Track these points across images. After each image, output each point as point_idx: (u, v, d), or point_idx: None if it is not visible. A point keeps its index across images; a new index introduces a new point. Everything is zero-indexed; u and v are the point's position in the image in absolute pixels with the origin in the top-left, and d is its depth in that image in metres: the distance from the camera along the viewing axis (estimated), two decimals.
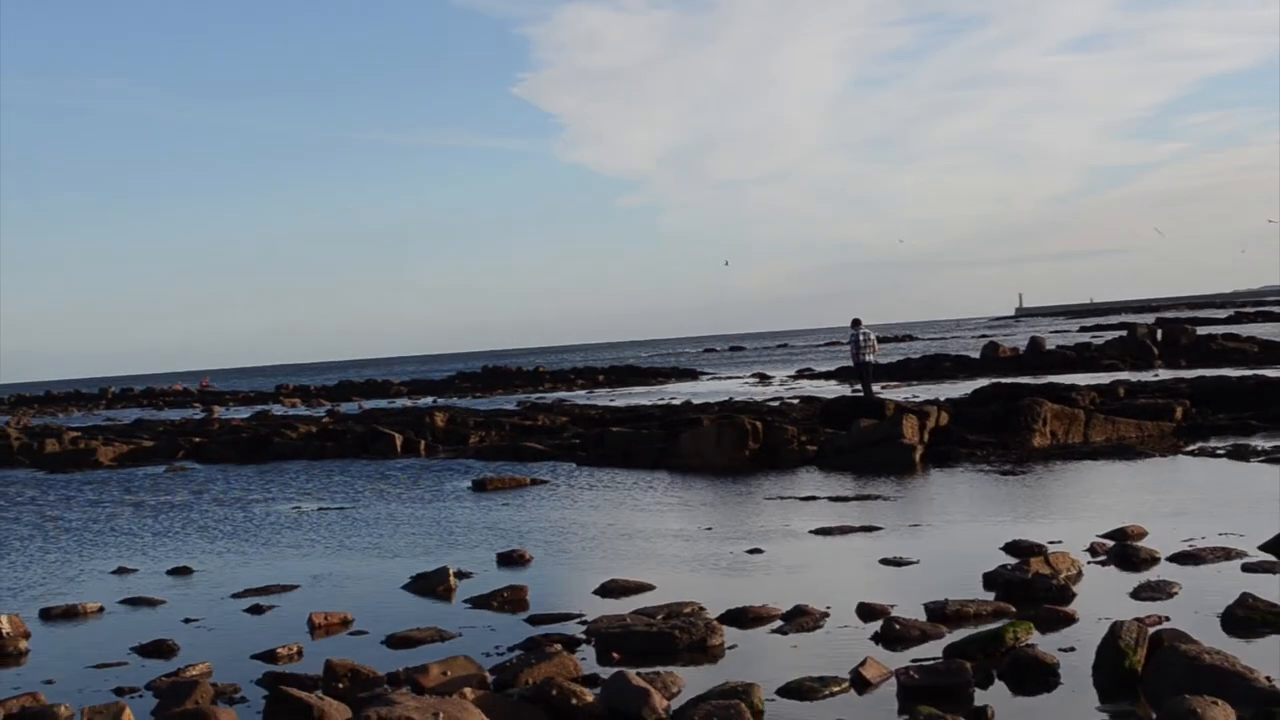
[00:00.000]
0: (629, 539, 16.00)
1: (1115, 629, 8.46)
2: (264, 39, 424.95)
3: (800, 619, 10.50)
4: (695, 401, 39.72)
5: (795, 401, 36.55)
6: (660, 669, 8.97)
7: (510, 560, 14.64)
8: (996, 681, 8.40)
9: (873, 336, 32.04)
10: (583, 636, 10.41)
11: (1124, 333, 58.83)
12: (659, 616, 10.54)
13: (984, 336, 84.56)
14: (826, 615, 10.57)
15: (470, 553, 15.34)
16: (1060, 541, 12.91)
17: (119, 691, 9.53)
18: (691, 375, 71.65)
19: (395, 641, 10.77)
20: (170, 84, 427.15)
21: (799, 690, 8.36)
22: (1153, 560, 12.08)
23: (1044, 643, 9.10)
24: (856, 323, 31.95)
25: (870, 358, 31.86)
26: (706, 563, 13.85)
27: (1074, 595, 10.78)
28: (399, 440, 31.32)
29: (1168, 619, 9.43)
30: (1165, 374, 38.45)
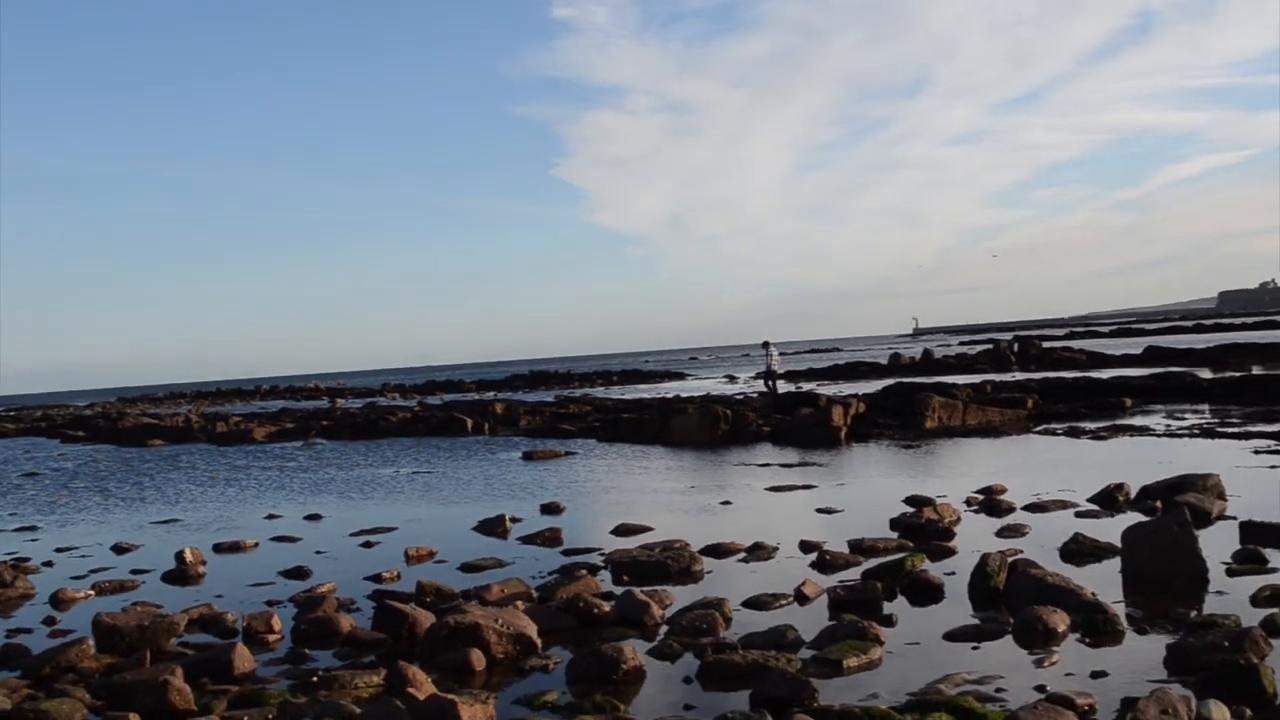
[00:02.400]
0: (634, 494, 16.02)
1: (984, 559, 8.49)
2: (381, 138, 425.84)
3: (758, 552, 10.53)
4: (683, 395, 39.66)
5: (755, 395, 36.43)
6: (657, 587, 9.01)
7: (549, 509, 14.67)
8: (899, 597, 8.45)
9: (777, 353, 32.04)
10: (601, 564, 10.44)
11: (991, 346, 58.83)
12: (656, 550, 10.57)
13: (890, 348, 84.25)
14: (777, 549, 10.59)
15: (520, 504, 15.35)
16: (945, 496, 12.92)
17: (269, 603, 9.55)
18: (680, 376, 71.46)
19: (467, 568, 10.80)
20: (314, 168, 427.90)
21: (757, 603, 8.40)
22: (1011, 509, 12.10)
23: (933, 569, 9.12)
24: (766, 344, 31.96)
25: (776, 368, 31.79)
26: (690, 511, 13.87)
27: (954, 534, 10.79)
28: (469, 423, 31.34)
29: (1021, 551, 9.45)
30: (1020, 375, 38.36)
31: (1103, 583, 8.25)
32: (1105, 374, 33.35)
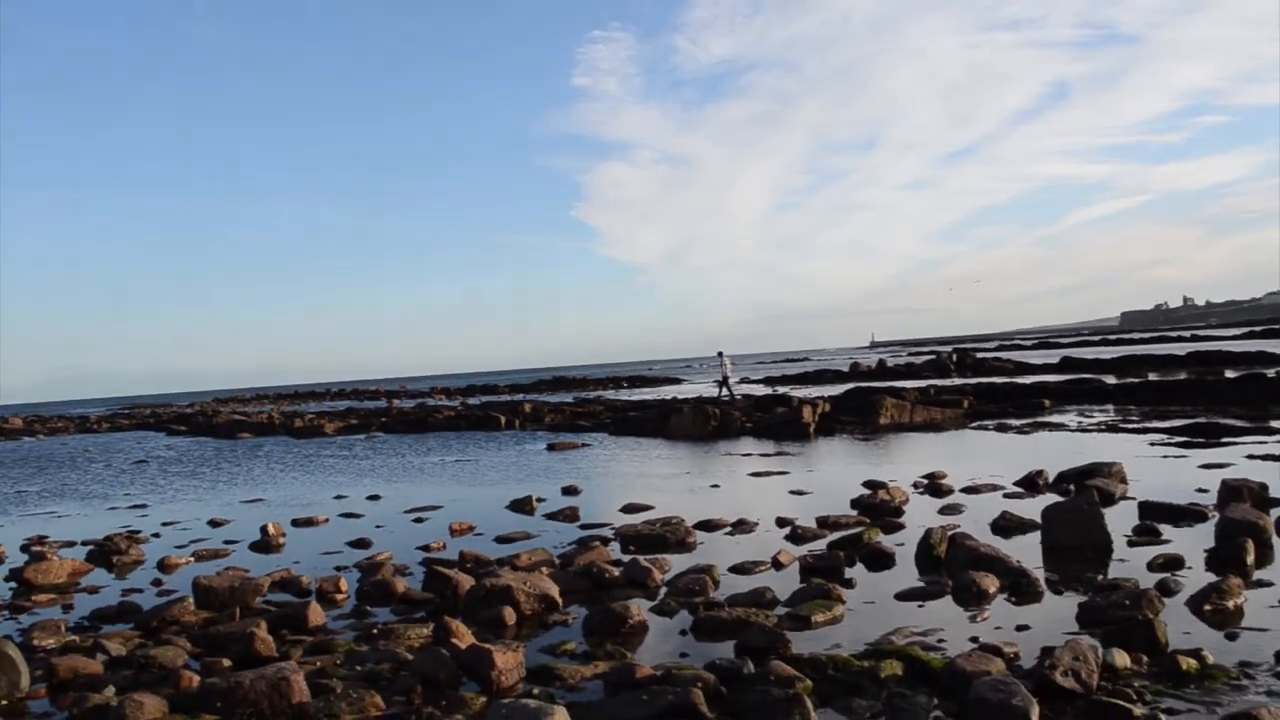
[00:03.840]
0: (639, 478, 16.00)
1: (928, 532, 8.49)
2: (435, 185, 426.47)
3: (741, 526, 10.52)
4: (679, 397, 39.59)
5: (740, 397, 36.32)
6: (658, 556, 9.01)
7: (569, 491, 14.65)
8: (858, 564, 8.43)
9: (729, 363, 31.58)
10: (612, 536, 10.43)
11: (934, 356, 58.71)
12: (657, 525, 10.56)
13: (851, 358, 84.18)
14: (757, 524, 10.58)
15: (545, 486, 15.34)
16: (896, 480, 12.91)
17: (338, 568, 9.57)
18: (677, 381, 71.22)
19: (501, 539, 10.80)
20: (379, 209, 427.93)
21: (741, 569, 8.39)
22: (950, 491, 12.09)
23: (886, 540, 9.12)
24: (720, 354, 31.57)
25: (728, 374, 31.48)
26: (685, 492, 13.84)
27: (904, 512, 10.78)
28: (503, 419, 31.34)
29: (959, 526, 9.45)
30: (958, 381, 38.24)
31: (1026, 552, 8.25)
32: (1028, 380, 33.34)
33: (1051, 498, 10.77)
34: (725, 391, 30.92)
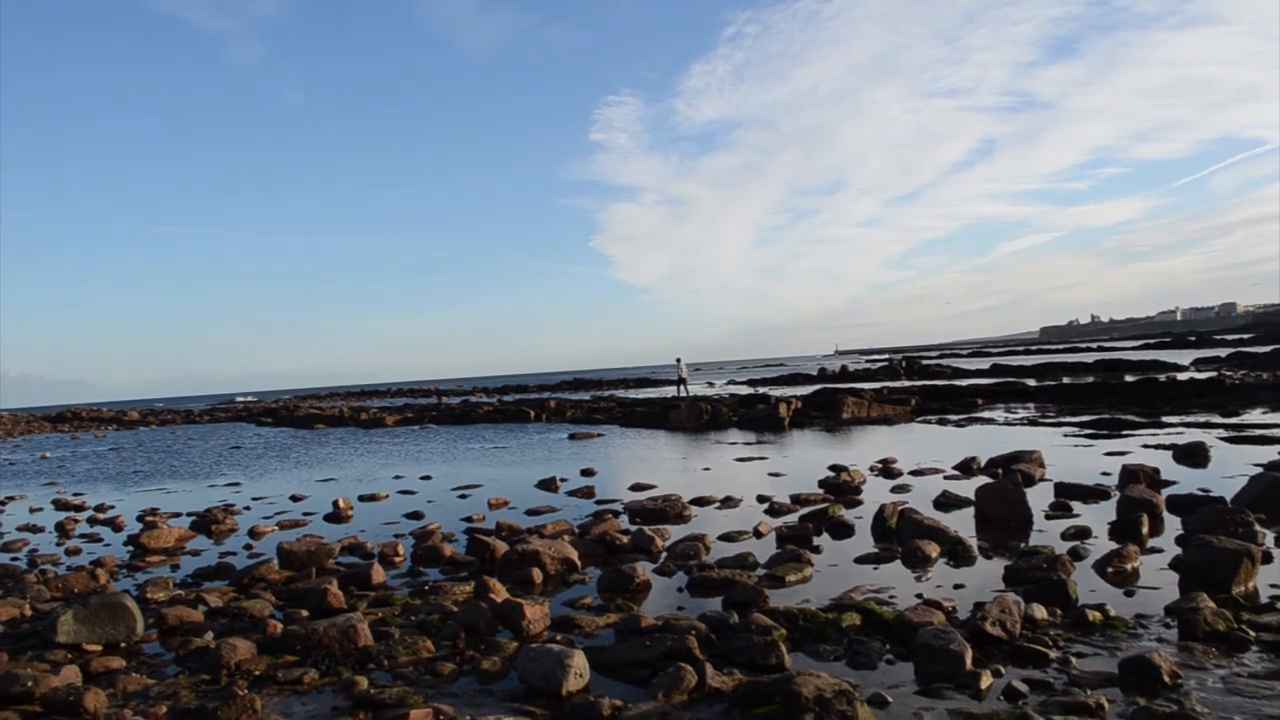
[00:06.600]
0: (644, 462, 15.97)
1: (882, 508, 8.48)
2: (480, 223, 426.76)
3: (728, 502, 10.50)
4: (676, 395, 39.50)
5: (727, 395, 36.29)
6: (660, 526, 9.00)
7: (586, 472, 14.61)
8: (824, 533, 8.42)
9: (684, 366, 30.99)
10: (622, 510, 10.43)
11: (887, 362, 58.56)
12: (659, 500, 10.53)
13: (819, 364, 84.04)
14: (741, 500, 10.56)
15: (566, 468, 15.33)
16: (855, 464, 12.88)
17: (396, 536, 9.59)
18: (674, 383, 71.05)
19: (530, 512, 10.79)
20: (432, 242, 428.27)
21: (728, 537, 8.39)
22: (900, 474, 12.04)
23: (848, 514, 9.11)
24: (679, 359, 31.13)
25: (685, 376, 31.02)
26: (682, 473, 13.82)
27: (862, 491, 10.75)
28: (532, 413, 31.27)
29: (907, 502, 9.41)
30: (906, 383, 38.16)
31: (962, 524, 8.24)
32: (964, 382, 33.21)
33: (983, 479, 10.76)
34: (683, 390, 30.77)
